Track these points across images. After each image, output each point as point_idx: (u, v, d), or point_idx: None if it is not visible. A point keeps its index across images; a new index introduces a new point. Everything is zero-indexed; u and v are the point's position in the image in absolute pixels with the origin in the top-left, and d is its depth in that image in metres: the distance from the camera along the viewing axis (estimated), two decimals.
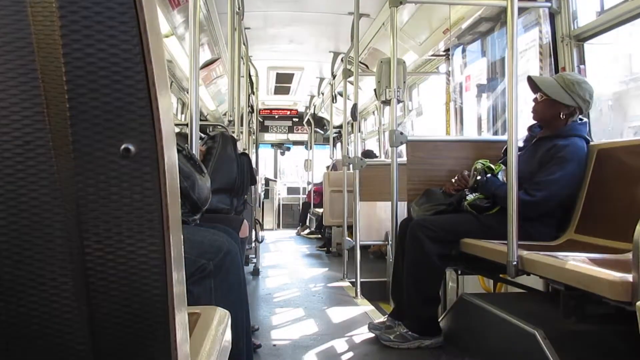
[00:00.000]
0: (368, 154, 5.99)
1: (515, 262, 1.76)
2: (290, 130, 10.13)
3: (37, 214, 0.47)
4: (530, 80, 2.26)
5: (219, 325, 0.89)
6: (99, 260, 0.48)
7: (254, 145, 5.97)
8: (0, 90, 0.45)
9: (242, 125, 3.51)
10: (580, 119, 2.23)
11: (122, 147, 0.47)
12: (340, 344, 2.48)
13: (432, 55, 4.39)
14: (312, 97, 8.25)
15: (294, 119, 10.01)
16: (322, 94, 7.46)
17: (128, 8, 0.45)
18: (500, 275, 2.26)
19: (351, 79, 3.89)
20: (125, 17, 0.45)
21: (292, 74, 6.94)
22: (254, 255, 4.54)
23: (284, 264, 5.40)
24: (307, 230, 8.10)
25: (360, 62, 3.99)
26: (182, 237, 0.54)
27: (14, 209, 0.47)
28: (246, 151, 3.12)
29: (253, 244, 4.05)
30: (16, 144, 0.46)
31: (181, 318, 0.53)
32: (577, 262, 1.55)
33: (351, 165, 3.45)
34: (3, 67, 0.45)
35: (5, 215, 0.47)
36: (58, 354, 0.49)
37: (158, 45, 0.48)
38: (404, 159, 2.74)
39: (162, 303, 0.50)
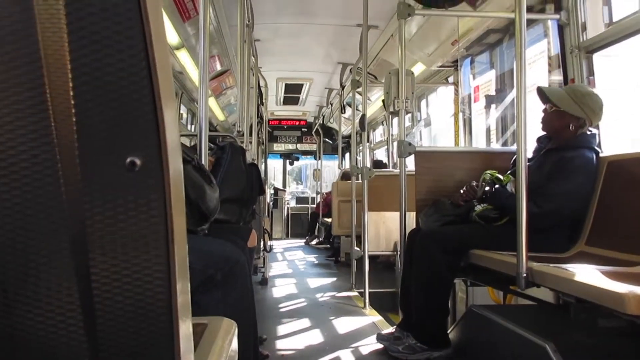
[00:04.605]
0: (378, 164, 5.99)
1: (525, 274, 1.74)
2: (299, 140, 10.20)
3: (44, 225, 0.48)
4: (539, 91, 2.25)
5: (226, 335, 0.89)
6: (103, 273, 0.49)
7: (263, 155, 6.00)
8: (9, 104, 0.46)
9: (251, 135, 3.53)
10: (590, 131, 2.21)
11: (128, 160, 0.47)
12: (348, 355, 2.46)
13: (440, 67, 4.39)
14: (321, 107, 8.29)
15: (302, 129, 10.07)
16: (331, 104, 7.50)
17: (135, 22, 0.46)
18: (510, 287, 2.23)
19: (360, 89, 3.91)
20: (132, 31, 0.46)
21: (301, 85, 6.98)
22: (262, 265, 4.54)
23: (292, 273, 5.39)
24: (316, 240, 8.10)
25: (368, 73, 4.01)
26: (187, 248, 0.55)
27: (21, 221, 0.48)
28: (255, 161, 3.13)
29: (261, 254, 4.05)
30: (23, 158, 0.47)
31: (185, 329, 0.53)
32: (588, 274, 1.53)
33: (360, 175, 3.45)
34: (12, 81, 0.46)
35: (13, 228, 0.48)
36: None
37: (164, 57, 0.49)
38: (413, 169, 2.74)
39: (166, 314, 0.50)
